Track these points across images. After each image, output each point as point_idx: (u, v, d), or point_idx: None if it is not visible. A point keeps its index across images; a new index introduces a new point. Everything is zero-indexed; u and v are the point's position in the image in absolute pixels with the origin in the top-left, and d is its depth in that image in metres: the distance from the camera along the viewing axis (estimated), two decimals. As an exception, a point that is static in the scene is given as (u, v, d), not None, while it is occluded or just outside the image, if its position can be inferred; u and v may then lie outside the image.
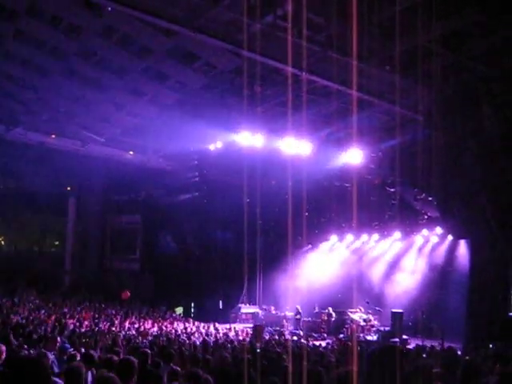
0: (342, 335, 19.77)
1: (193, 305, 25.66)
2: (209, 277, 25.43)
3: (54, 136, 20.97)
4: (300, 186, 23.41)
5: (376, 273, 23.87)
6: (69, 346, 8.62)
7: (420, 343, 15.29)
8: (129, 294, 16.16)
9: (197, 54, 14.86)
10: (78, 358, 6.66)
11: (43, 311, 19.70)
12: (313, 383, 2.57)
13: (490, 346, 13.62)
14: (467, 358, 8.22)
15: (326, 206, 23.34)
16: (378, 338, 19.09)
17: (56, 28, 13.98)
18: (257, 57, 13.44)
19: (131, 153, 22.65)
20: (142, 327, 18.50)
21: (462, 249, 20.02)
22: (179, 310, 25.05)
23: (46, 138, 21.09)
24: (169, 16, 11.96)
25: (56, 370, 6.64)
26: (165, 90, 17.33)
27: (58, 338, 8.50)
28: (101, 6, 12.33)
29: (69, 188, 30.58)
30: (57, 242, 33.18)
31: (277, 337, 17.65)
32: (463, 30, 12.74)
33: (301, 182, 22.59)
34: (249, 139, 18.24)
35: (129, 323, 19.28)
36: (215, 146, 19.99)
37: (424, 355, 8.16)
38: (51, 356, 7.16)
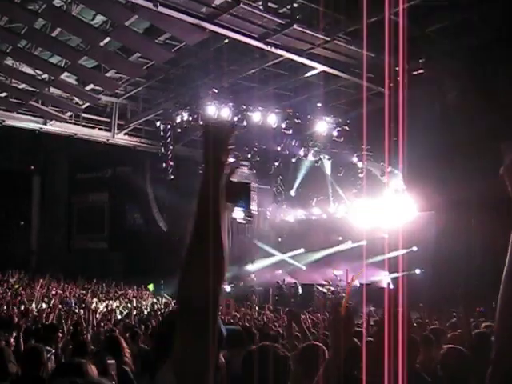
0: (310, 308, 19.90)
1: (162, 281, 25.57)
2: (177, 252, 25.34)
3: (14, 113, 20.32)
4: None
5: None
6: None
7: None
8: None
9: (161, 28, 14.56)
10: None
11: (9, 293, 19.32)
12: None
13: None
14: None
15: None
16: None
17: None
18: (222, 31, 13.27)
19: (96, 130, 22.17)
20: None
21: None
22: (151, 287, 24.94)
23: (6, 116, 20.42)
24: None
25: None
26: (130, 64, 16.96)
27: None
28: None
29: (32, 167, 29.90)
30: (22, 223, 32.49)
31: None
32: (429, 4, 12.82)
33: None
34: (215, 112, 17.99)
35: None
36: (181, 119, 19.59)
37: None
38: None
